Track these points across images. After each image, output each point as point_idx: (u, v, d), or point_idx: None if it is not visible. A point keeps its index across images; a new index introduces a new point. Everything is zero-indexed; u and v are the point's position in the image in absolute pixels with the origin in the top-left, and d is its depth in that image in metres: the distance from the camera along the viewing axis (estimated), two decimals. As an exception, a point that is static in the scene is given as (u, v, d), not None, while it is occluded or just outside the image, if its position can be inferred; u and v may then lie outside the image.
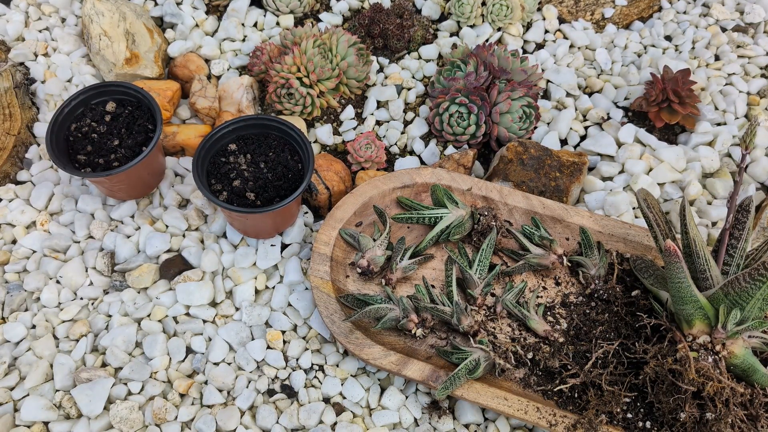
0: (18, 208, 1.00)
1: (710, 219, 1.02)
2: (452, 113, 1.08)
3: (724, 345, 0.76)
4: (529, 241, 0.94)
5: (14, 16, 1.20)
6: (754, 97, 1.18)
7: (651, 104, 1.12)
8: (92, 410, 0.83)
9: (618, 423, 0.80)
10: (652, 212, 0.86)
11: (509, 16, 1.25)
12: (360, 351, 0.85)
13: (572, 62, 1.24)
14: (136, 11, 1.17)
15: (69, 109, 0.97)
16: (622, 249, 0.95)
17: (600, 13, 1.32)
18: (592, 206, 1.04)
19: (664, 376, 0.76)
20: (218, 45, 1.21)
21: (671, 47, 1.27)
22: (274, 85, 1.08)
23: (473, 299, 0.90)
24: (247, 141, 0.98)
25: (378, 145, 1.06)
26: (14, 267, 0.96)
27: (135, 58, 1.12)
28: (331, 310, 0.88)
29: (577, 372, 0.83)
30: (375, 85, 1.19)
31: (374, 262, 0.91)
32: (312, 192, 1.02)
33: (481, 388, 0.82)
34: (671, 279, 0.75)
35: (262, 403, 0.87)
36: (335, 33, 1.12)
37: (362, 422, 0.86)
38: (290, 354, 0.90)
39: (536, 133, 1.14)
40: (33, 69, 1.15)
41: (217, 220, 1.00)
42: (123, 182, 0.96)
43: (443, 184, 0.99)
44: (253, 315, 0.93)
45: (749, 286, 0.72)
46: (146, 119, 0.99)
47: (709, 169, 1.08)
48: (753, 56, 1.25)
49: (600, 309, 0.89)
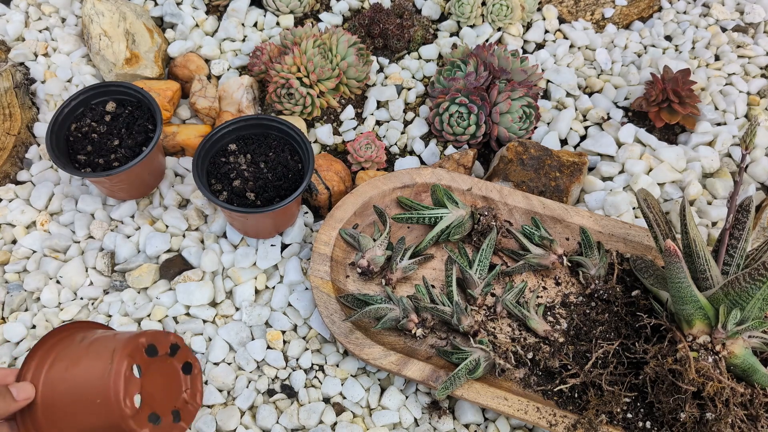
0: (18, 208, 1.00)
1: (710, 219, 1.02)
2: (452, 113, 1.08)
3: (724, 345, 0.76)
4: (529, 241, 0.94)
5: (14, 16, 1.20)
6: (754, 97, 1.18)
7: (651, 104, 1.12)
8: (92, 410, 0.83)
9: (618, 423, 0.80)
10: (652, 212, 0.86)
11: (509, 16, 1.25)
12: (360, 351, 0.85)
13: (572, 62, 1.24)
14: (136, 11, 1.17)
15: (69, 109, 0.97)
16: (622, 249, 0.95)
17: (600, 13, 1.32)
18: (592, 206, 1.04)
19: (664, 376, 0.76)
20: (218, 45, 1.21)
21: (671, 47, 1.27)
22: (274, 85, 1.08)
23: (473, 299, 0.90)
24: (247, 141, 0.98)
25: (378, 145, 1.06)
26: (14, 267, 0.96)
27: (135, 58, 1.12)
28: (331, 310, 0.88)
29: (577, 372, 0.83)
30: (375, 85, 1.19)
31: (374, 262, 0.91)
32: (312, 192, 1.02)
33: (481, 388, 0.82)
34: (671, 279, 0.75)
35: (262, 403, 0.87)
36: (335, 33, 1.12)
37: (362, 422, 0.86)
38: (290, 354, 0.90)
39: (536, 133, 1.14)
40: (33, 69, 1.15)
41: (217, 220, 1.00)
42: (123, 182, 0.96)
43: (443, 184, 0.99)
44: (253, 315, 0.93)
45: (749, 286, 0.72)
46: (146, 119, 0.99)
47: (709, 169, 1.08)
48: (753, 56, 1.25)
49: (600, 309, 0.90)
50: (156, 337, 0.63)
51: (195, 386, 0.67)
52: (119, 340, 0.60)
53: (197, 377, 0.68)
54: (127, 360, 0.58)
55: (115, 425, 0.58)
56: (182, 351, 0.67)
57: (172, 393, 0.65)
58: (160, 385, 0.63)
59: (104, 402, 0.57)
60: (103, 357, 0.59)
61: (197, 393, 0.67)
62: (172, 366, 0.65)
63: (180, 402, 0.65)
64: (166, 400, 0.63)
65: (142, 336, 0.61)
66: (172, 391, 0.65)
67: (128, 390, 0.58)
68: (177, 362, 0.66)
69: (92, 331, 0.66)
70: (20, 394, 0.58)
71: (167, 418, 0.62)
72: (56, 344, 0.64)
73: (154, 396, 0.61)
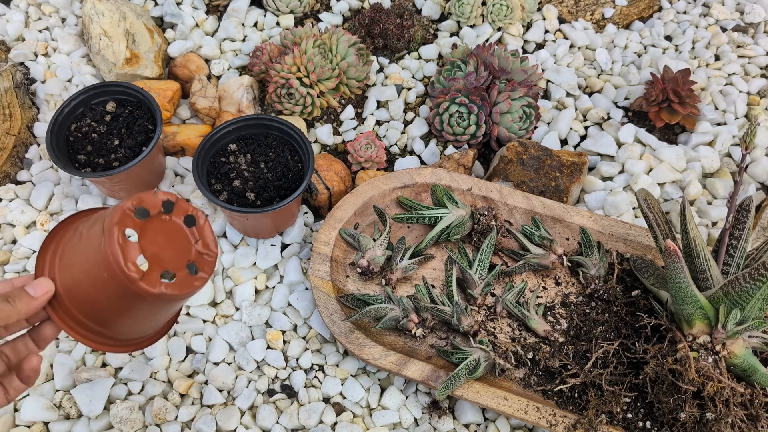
0: (18, 208, 1.00)
1: (710, 219, 1.02)
2: (452, 113, 1.08)
3: (724, 345, 0.76)
4: (529, 241, 0.94)
5: (14, 16, 1.20)
6: (754, 97, 1.18)
7: (651, 104, 1.12)
8: (92, 410, 0.83)
9: (618, 423, 0.80)
10: (652, 212, 0.86)
11: (509, 16, 1.25)
12: (360, 351, 0.85)
13: (572, 62, 1.24)
14: (136, 11, 1.17)
15: (69, 109, 0.97)
16: (622, 249, 0.95)
17: (600, 13, 1.32)
18: (592, 206, 1.04)
19: (664, 376, 0.76)
20: (218, 45, 1.21)
21: (671, 47, 1.27)
22: (274, 85, 1.08)
23: (473, 299, 0.90)
24: (247, 141, 0.98)
25: (378, 145, 1.06)
26: (14, 267, 0.96)
27: (135, 58, 1.12)
28: (331, 310, 0.88)
29: (577, 372, 0.83)
30: (375, 85, 1.19)
31: (374, 262, 0.91)
32: (312, 192, 1.02)
33: (481, 388, 0.82)
34: (671, 279, 0.75)
35: (262, 403, 0.87)
36: (335, 33, 1.12)
37: (362, 422, 0.86)
38: (290, 354, 0.90)
39: (536, 133, 1.14)
40: (33, 69, 1.15)
41: (217, 220, 1.00)
42: (123, 182, 0.96)
43: (443, 184, 0.99)
44: (253, 315, 0.93)
45: (749, 286, 0.72)
46: (146, 119, 0.99)
47: (709, 169, 1.08)
48: (753, 56, 1.25)
49: (600, 309, 0.90)
50: (143, 199, 0.60)
51: (204, 236, 0.64)
52: (108, 213, 0.59)
53: (205, 226, 0.65)
54: (117, 227, 0.57)
55: (132, 292, 0.57)
56: (178, 206, 0.63)
57: (181, 248, 0.63)
58: (164, 244, 0.61)
59: (111, 274, 0.57)
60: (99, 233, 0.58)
61: (209, 242, 0.64)
62: (172, 223, 0.63)
63: (193, 255, 0.63)
64: (176, 256, 0.62)
65: (128, 201, 0.59)
66: (181, 246, 0.63)
67: (127, 255, 0.57)
68: (176, 218, 0.63)
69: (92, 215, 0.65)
70: (38, 291, 0.58)
71: (182, 273, 0.61)
72: (62, 236, 0.63)
73: (161, 256, 0.60)
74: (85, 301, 0.60)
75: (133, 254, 0.58)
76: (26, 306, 0.56)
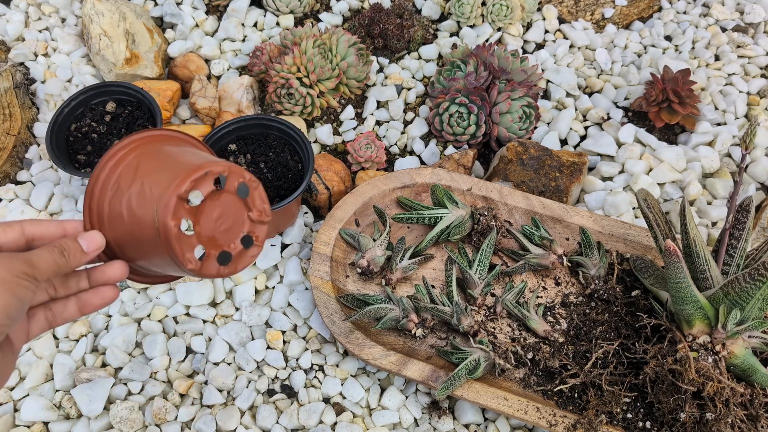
0: (18, 208, 1.00)
1: (710, 219, 1.02)
2: (452, 113, 1.08)
3: (724, 345, 0.76)
4: (529, 241, 0.94)
5: (14, 16, 1.20)
6: (754, 97, 1.18)
7: (651, 104, 1.12)
8: (92, 410, 0.83)
9: (618, 423, 0.80)
10: (652, 212, 0.86)
11: (509, 16, 1.25)
12: (360, 351, 0.85)
13: (572, 62, 1.24)
14: (136, 11, 1.17)
15: (69, 109, 0.97)
16: (622, 249, 0.95)
17: (600, 13, 1.32)
18: (592, 206, 1.04)
19: (664, 376, 0.76)
20: (218, 45, 1.21)
21: (671, 47, 1.27)
22: (274, 85, 1.08)
23: (473, 299, 0.90)
24: (247, 141, 0.98)
25: (378, 145, 1.06)
26: (14, 267, 0.96)
27: (135, 58, 1.12)
28: (331, 310, 0.88)
29: (577, 372, 0.83)
30: (375, 85, 1.19)
31: (374, 262, 0.91)
32: (312, 192, 1.02)
33: (481, 388, 0.82)
34: (671, 279, 0.75)
35: (262, 403, 0.87)
36: (335, 33, 1.12)
37: (362, 422, 0.86)
38: (290, 354, 0.90)
39: (536, 133, 1.14)
40: (33, 69, 1.15)
41: (217, 220, 1.00)
42: (123, 182, 0.96)
43: (443, 184, 0.99)
44: (253, 315, 0.93)
45: (749, 286, 0.72)
46: (146, 119, 0.99)
47: (709, 169, 1.08)
48: (753, 56, 1.25)
49: (600, 309, 0.89)
50: (196, 182, 0.55)
51: (257, 204, 0.60)
52: (156, 196, 0.55)
53: (257, 192, 0.60)
54: (173, 223, 0.53)
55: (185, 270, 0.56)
56: (231, 176, 0.58)
57: (235, 220, 0.59)
58: (218, 219, 0.58)
59: (167, 259, 0.55)
60: (150, 209, 0.54)
61: (263, 208, 0.61)
62: (226, 196, 0.58)
63: (247, 226, 0.60)
64: (230, 231, 0.59)
65: (180, 185, 0.54)
66: (234, 218, 0.59)
67: (184, 251, 0.54)
68: (229, 189, 0.58)
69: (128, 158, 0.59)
70: (90, 246, 0.56)
71: (238, 248, 0.59)
72: (105, 184, 0.59)
73: (216, 235, 0.57)
74: (132, 257, 0.58)
75: (191, 247, 0.55)
76: (78, 261, 0.56)
